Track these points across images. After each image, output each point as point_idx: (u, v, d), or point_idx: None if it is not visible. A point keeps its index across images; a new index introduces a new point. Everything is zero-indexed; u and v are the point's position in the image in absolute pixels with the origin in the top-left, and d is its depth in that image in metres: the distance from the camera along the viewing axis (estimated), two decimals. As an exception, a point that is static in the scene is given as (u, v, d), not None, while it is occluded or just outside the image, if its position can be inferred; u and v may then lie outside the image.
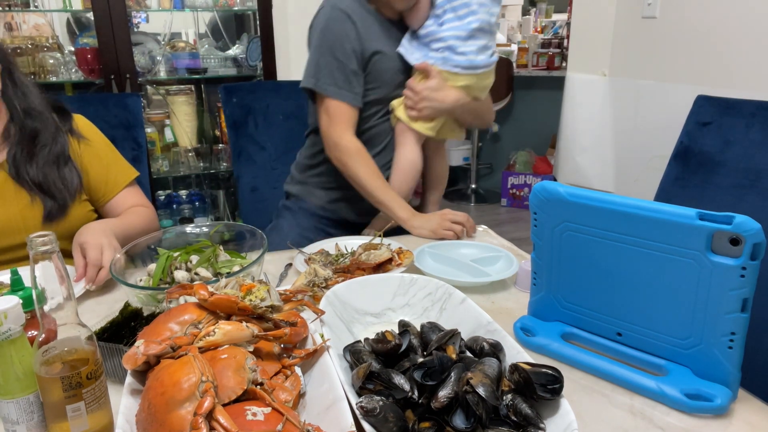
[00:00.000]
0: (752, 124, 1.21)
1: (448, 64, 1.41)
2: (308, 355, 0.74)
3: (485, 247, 1.27)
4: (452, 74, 1.42)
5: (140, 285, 1.01)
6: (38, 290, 0.62)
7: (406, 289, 0.94)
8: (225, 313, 0.75)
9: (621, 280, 0.81)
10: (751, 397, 0.78)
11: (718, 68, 1.90)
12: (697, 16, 1.99)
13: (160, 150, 2.66)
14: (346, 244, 1.30)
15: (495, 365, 0.69)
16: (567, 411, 0.65)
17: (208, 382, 0.61)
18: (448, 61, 1.41)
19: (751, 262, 0.68)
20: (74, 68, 2.40)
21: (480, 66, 1.42)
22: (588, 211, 0.81)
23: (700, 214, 0.71)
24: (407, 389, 0.66)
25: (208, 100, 2.80)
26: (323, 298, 0.87)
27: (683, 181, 1.32)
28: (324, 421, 0.64)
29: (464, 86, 1.44)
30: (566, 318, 0.90)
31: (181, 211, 2.79)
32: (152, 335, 0.70)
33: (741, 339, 0.72)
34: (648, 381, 0.77)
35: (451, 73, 1.42)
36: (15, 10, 2.37)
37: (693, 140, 1.32)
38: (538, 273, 0.92)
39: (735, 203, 1.20)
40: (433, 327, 0.81)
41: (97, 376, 0.65)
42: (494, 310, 1.03)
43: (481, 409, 0.63)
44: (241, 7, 2.59)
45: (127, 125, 1.65)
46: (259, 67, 2.60)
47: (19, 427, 0.66)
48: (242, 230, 1.16)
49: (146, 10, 2.51)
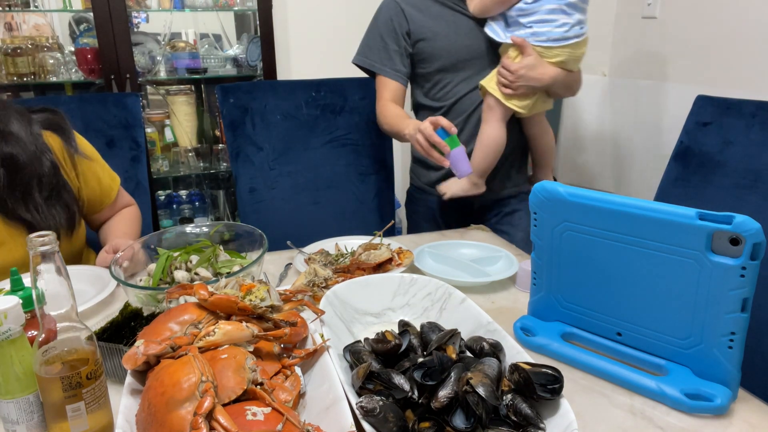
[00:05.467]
0: (752, 124, 1.21)
1: (540, 38, 1.40)
2: (308, 355, 0.74)
3: (485, 247, 1.27)
4: (547, 48, 1.41)
5: (140, 285, 1.01)
6: (38, 290, 0.62)
7: (406, 289, 0.94)
8: (225, 313, 0.75)
9: (621, 280, 0.81)
10: (751, 397, 0.78)
11: (718, 68, 1.90)
12: (697, 16, 1.99)
13: (160, 150, 2.66)
14: (346, 244, 1.30)
15: (495, 365, 0.69)
16: (567, 411, 0.65)
17: (208, 382, 0.61)
18: (541, 35, 1.40)
19: (751, 262, 0.68)
20: (74, 68, 2.40)
21: (571, 37, 1.40)
22: (588, 211, 0.81)
23: (700, 214, 0.71)
24: (407, 389, 0.66)
25: (208, 100, 2.80)
26: (323, 298, 0.87)
27: (683, 181, 1.32)
28: (324, 421, 0.64)
29: (560, 61, 1.43)
30: (566, 318, 0.90)
31: (181, 211, 2.78)
32: (152, 335, 0.70)
33: (741, 339, 0.72)
34: (648, 381, 0.77)
35: (545, 47, 1.41)
36: (15, 10, 2.36)
37: (693, 140, 1.32)
38: (538, 273, 0.92)
39: (735, 203, 1.20)
40: (433, 327, 0.81)
41: (97, 376, 0.65)
42: (494, 310, 1.03)
43: (481, 409, 0.63)
44: (241, 7, 2.58)
45: (127, 125, 1.65)
46: (259, 67, 2.59)
47: (19, 427, 0.66)
48: (242, 230, 1.16)
49: (146, 10, 2.50)
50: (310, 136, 1.78)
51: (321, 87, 1.77)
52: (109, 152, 1.60)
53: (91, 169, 1.28)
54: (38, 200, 1.15)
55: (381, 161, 1.85)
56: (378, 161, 1.85)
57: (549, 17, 1.38)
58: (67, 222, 1.20)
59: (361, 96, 1.79)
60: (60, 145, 1.22)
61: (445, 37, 1.53)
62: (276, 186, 1.76)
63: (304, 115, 1.76)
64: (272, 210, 1.76)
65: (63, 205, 1.19)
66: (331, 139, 1.80)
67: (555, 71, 1.43)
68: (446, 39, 1.53)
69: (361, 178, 1.84)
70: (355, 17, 2.68)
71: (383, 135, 1.85)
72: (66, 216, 1.20)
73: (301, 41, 2.67)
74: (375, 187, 1.86)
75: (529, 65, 1.40)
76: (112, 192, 1.33)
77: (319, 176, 1.80)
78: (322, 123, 1.78)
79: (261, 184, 1.74)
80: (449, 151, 1.27)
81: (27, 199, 1.14)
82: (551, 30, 1.39)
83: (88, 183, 1.28)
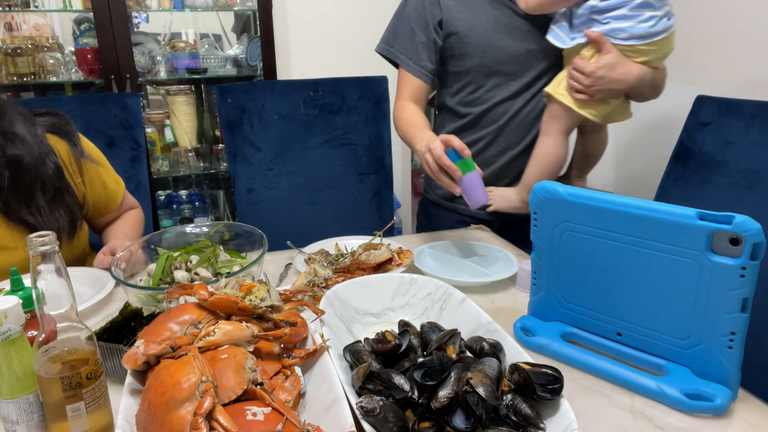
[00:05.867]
0: (752, 124, 1.21)
1: (621, 36, 1.19)
2: (308, 355, 0.74)
3: (485, 247, 1.27)
4: (629, 47, 1.20)
5: (140, 285, 1.01)
6: (38, 290, 0.62)
7: (406, 289, 0.94)
8: (225, 313, 0.75)
9: (621, 280, 0.81)
10: (751, 397, 0.78)
11: (718, 68, 1.90)
12: (697, 16, 1.99)
13: (160, 150, 2.66)
14: (346, 244, 1.30)
15: (495, 365, 0.69)
16: (567, 411, 0.65)
17: (208, 382, 0.61)
18: (621, 32, 1.19)
19: (751, 262, 0.68)
20: (74, 68, 2.40)
21: (659, 32, 1.19)
22: (588, 211, 0.81)
23: (700, 214, 0.71)
24: (407, 389, 0.66)
25: (208, 100, 2.80)
26: (323, 298, 0.87)
27: (683, 181, 1.32)
28: (324, 421, 0.64)
29: (644, 61, 1.22)
30: (566, 318, 0.90)
31: (181, 211, 2.78)
32: (152, 335, 0.70)
33: (741, 339, 0.72)
34: (648, 381, 0.77)
35: (627, 46, 1.20)
36: (15, 10, 2.36)
37: (693, 140, 1.32)
38: (538, 273, 0.92)
39: (735, 203, 1.20)
40: (433, 327, 0.81)
41: (97, 376, 0.65)
42: (494, 310, 1.03)
43: (481, 409, 0.63)
44: (241, 7, 2.58)
45: (127, 125, 1.65)
46: (259, 67, 2.59)
47: (19, 427, 0.66)
48: (242, 230, 1.16)
49: (146, 10, 2.50)
50: (308, 136, 1.78)
51: (319, 87, 1.76)
52: (110, 152, 1.60)
53: (97, 174, 1.28)
54: (41, 203, 1.15)
55: (380, 161, 1.85)
56: (377, 161, 1.85)
57: (632, 13, 1.17)
58: (69, 225, 1.20)
59: (360, 95, 1.79)
60: (66, 150, 1.22)
61: (483, 34, 1.34)
62: (274, 186, 1.76)
63: (302, 115, 1.76)
64: (270, 210, 1.76)
65: (65, 208, 1.20)
66: (330, 139, 1.80)
67: (641, 69, 1.22)
68: (483, 35, 1.34)
69: (359, 178, 1.84)
70: (355, 17, 2.69)
71: (382, 134, 1.85)
72: (68, 219, 1.20)
73: (301, 41, 2.67)
74: (374, 187, 1.86)
75: (609, 64, 1.19)
76: (118, 196, 1.34)
77: (318, 176, 1.80)
78: (320, 123, 1.78)
79: (259, 185, 1.74)
80: (461, 176, 1.10)
81: (30, 202, 1.14)
82: (634, 26, 1.17)
83: (94, 188, 1.28)
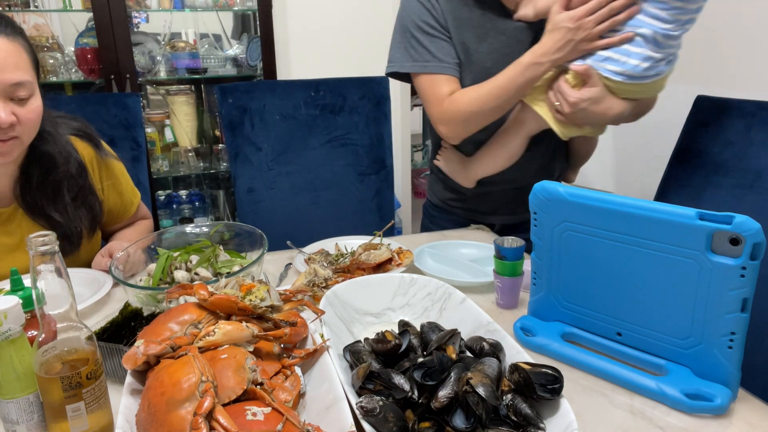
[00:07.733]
0: (752, 124, 1.20)
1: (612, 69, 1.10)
2: (308, 355, 0.74)
3: (485, 247, 1.27)
4: (617, 84, 1.12)
5: (140, 285, 1.01)
6: (38, 290, 0.62)
7: (406, 289, 0.94)
8: (225, 313, 0.75)
9: (621, 280, 0.81)
10: (751, 397, 0.77)
11: (718, 68, 1.89)
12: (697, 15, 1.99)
13: (160, 150, 2.66)
14: (346, 244, 1.30)
15: (495, 365, 0.69)
16: (567, 411, 0.65)
17: (208, 382, 0.61)
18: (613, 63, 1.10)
19: (751, 262, 0.68)
20: (74, 68, 2.40)
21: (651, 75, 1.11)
22: (588, 211, 0.81)
23: (700, 214, 0.71)
24: (407, 389, 0.66)
25: (208, 100, 2.80)
26: (323, 298, 0.87)
27: (683, 181, 1.32)
28: (324, 421, 0.64)
29: (631, 98, 1.16)
30: (566, 318, 0.90)
31: (181, 211, 2.78)
32: (152, 335, 0.70)
33: (741, 339, 0.72)
34: (648, 381, 0.77)
35: (616, 82, 1.11)
36: (15, 11, 2.36)
37: (693, 140, 1.32)
38: (538, 273, 0.92)
39: (735, 203, 1.20)
40: (433, 327, 0.81)
41: (97, 376, 0.65)
42: (494, 310, 1.03)
43: (481, 409, 0.63)
44: (241, 7, 2.58)
45: (127, 125, 1.65)
46: (259, 67, 2.59)
47: (19, 427, 0.66)
48: (242, 230, 1.16)
49: (146, 10, 2.50)
50: (309, 136, 1.78)
51: (320, 87, 1.77)
52: (109, 152, 1.60)
53: (116, 183, 1.30)
54: (66, 200, 1.17)
55: (380, 161, 1.85)
56: (377, 161, 1.85)
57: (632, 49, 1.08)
58: (90, 224, 1.22)
59: (360, 96, 1.79)
60: (90, 154, 1.24)
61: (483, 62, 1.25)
62: (275, 186, 1.76)
63: (303, 115, 1.76)
64: (271, 210, 1.76)
65: (88, 208, 1.21)
66: (330, 139, 1.80)
67: (622, 106, 1.15)
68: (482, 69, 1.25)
69: (360, 179, 1.84)
70: (355, 17, 2.69)
71: (383, 135, 1.85)
72: (89, 218, 1.22)
73: (301, 41, 2.67)
74: (374, 187, 1.86)
75: (593, 98, 1.12)
76: (132, 207, 1.36)
77: (318, 176, 1.80)
78: (321, 123, 1.78)
79: (260, 185, 1.74)
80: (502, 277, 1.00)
81: (56, 199, 1.16)
82: (627, 62, 1.09)
83: (111, 196, 1.29)
